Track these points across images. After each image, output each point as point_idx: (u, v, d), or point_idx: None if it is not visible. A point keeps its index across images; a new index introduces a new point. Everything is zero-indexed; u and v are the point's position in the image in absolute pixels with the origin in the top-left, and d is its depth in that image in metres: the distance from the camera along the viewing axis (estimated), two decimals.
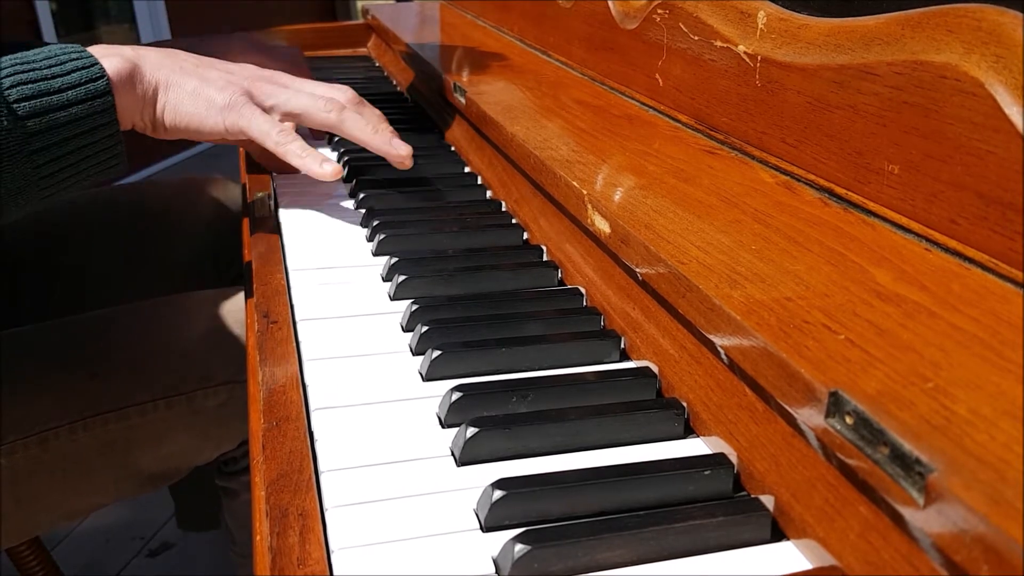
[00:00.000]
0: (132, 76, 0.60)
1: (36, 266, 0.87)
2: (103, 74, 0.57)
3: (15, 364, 0.72)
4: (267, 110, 0.66)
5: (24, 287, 0.87)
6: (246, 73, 0.67)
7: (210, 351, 0.79)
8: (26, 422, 0.70)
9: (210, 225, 0.96)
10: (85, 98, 0.56)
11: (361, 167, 0.78)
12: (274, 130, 0.64)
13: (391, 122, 0.94)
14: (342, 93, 0.69)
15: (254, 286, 0.57)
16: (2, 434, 0.69)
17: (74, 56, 0.57)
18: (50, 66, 0.55)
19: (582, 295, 0.55)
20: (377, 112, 0.70)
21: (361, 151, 0.82)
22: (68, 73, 0.56)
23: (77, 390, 0.73)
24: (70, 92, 0.56)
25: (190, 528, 1.38)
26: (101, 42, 0.62)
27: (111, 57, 0.59)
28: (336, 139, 0.99)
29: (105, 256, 0.91)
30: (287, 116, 0.66)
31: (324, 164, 0.64)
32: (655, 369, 0.45)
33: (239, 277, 0.66)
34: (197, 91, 0.63)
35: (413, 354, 0.49)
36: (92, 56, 0.58)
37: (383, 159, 0.80)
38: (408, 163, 0.69)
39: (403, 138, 0.88)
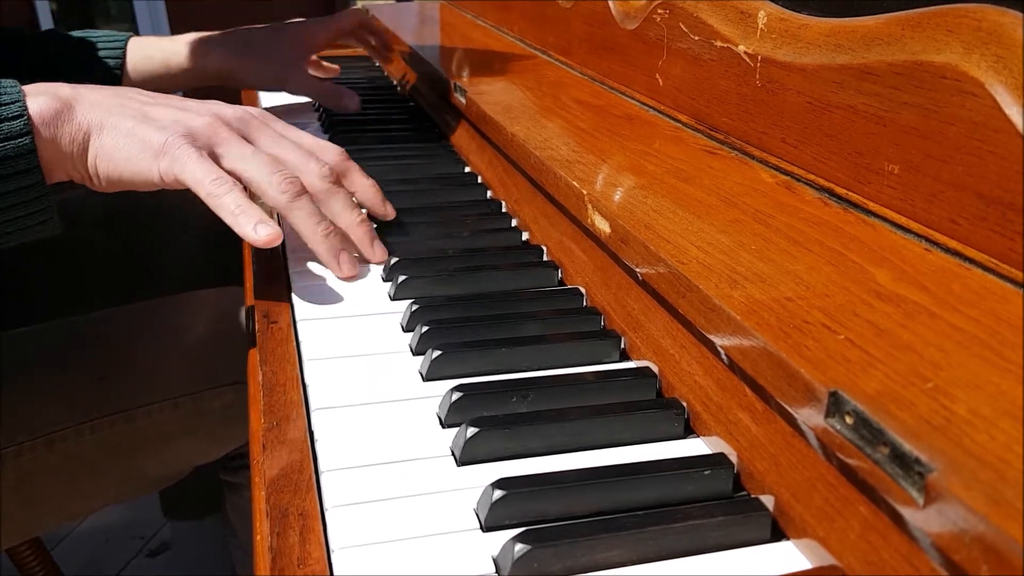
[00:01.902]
0: (60, 117, 0.51)
1: (37, 267, 0.87)
2: (22, 112, 0.49)
3: (21, 365, 0.72)
4: (213, 156, 0.54)
5: (25, 288, 0.87)
6: (207, 110, 0.55)
7: (215, 352, 0.79)
8: (33, 423, 0.70)
9: (210, 224, 0.96)
10: None
11: (360, 167, 0.78)
12: (207, 177, 0.51)
13: (391, 122, 0.95)
14: (317, 170, 0.57)
15: (254, 286, 0.57)
16: (9, 435, 0.69)
17: None
18: None
19: (582, 295, 0.55)
20: (346, 204, 0.58)
21: (360, 149, 0.82)
22: None
23: (84, 392, 0.73)
24: None
25: (176, 517, 1.38)
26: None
27: (39, 96, 0.51)
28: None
29: (106, 255, 0.91)
30: (234, 176, 0.54)
31: (259, 227, 0.51)
32: (655, 369, 0.46)
33: (240, 276, 0.65)
34: (132, 132, 0.52)
35: (413, 354, 0.49)
36: (18, 92, 0.50)
37: (383, 159, 0.81)
38: (349, 276, 0.57)
39: (404, 138, 0.88)
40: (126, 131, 0.52)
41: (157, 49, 0.92)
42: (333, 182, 0.57)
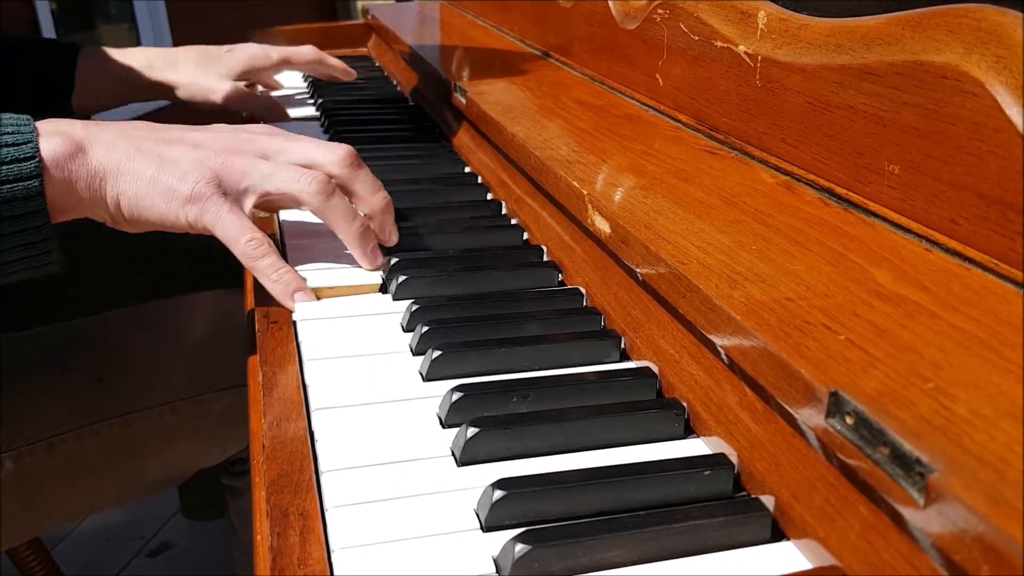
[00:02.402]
0: (74, 160, 0.51)
1: None
2: (34, 154, 0.49)
3: (21, 368, 0.72)
4: (241, 193, 0.54)
5: (25, 290, 0.87)
6: (218, 145, 0.55)
7: (215, 354, 0.79)
8: (33, 427, 0.70)
9: None
10: (5, 179, 0.48)
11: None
12: (243, 237, 0.53)
13: (391, 122, 0.95)
14: (333, 157, 0.58)
15: (254, 287, 0.57)
16: (9, 438, 0.69)
17: (10, 130, 0.50)
18: None
19: (582, 295, 0.55)
20: (372, 184, 0.59)
21: (360, 149, 0.82)
22: None
23: (84, 395, 0.73)
24: None
25: (195, 517, 1.38)
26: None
27: (52, 137, 0.51)
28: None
29: (105, 256, 0.91)
30: (265, 197, 0.55)
31: (297, 295, 0.54)
32: (655, 369, 0.46)
33: (240, 277, 0.64)
34: (155, 179, 0.52)
35: (413, 354, 0.49)
36: (30, 131, 0.50)
37: (383, 159, 0.81)
38: (377, 268, 0.58)
39: (404, 138, 0.88)
40: (148, 178, 0.53)
41: (108, 62, 0.93)
42: (352, 165, 0.58)
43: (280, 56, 1.00)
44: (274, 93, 1.10)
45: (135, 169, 0.53)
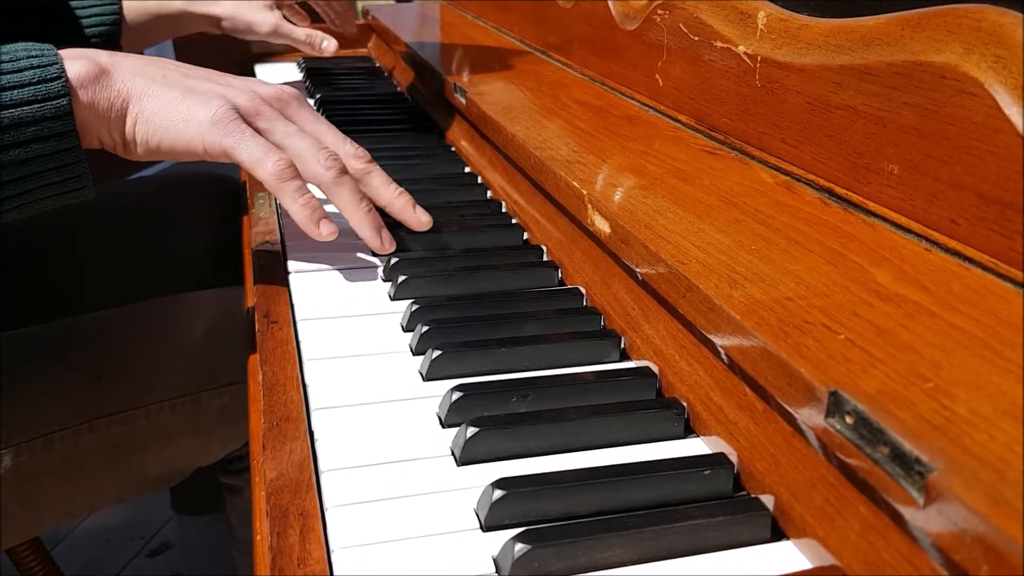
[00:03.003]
0: (98, 82, 0.51)
1: (36, 267, 0.87)
2: (60, 74, 0.49)
3: (20, 366, 0.72)
4: (261, 132, 0.55)
5: (25, 288, 0.87)
6: (247, 87, 0.56)
7: (214, 352, 0.79)
8: (32, 424, 0.70)
9: (210, 224, 0.96)
10: (33, 99, 0.48)
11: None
12: (269, 158, 0.53)
13: (391, 122, 0.95)
14: (352, 150, 0.59)
15: (254, 286, 0.57)
16: (8, 435, 0.69)
17: (34, 53, 0.50)
18: (1, 62, 0.49)
19: (582, 295, 0.55)
20: (385, 179, 0.60)
21: (355, 138, 0.82)
22: (19, 71, 0.48)
23: (82, 392, 0.73)
24: (16, 92, 0.47)
25: (184, 511, 1.38)
26: None
27: (78, 60, 0.51)
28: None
29: (105, 256, 0.91)
30: (280, 154, 0.55)
31: (323, 224, 0.55)
32: (655, 369, 0.46)
33: (239, 276, 0.64)
34: (177, 102, 0.53)
35: (413, 354, 0.49)
36: (54, 55, 0.50)
37: (383, 159, 0.80)
38: (391, 248, 0.59)
39: (404, 138, 0.88)
40: (170, 100, 0.53)
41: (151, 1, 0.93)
42: (368, 162, 0.59)
43: None
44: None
45: (158, 93, 0.53)
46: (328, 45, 0.95)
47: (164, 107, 0.53)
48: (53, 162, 0.50)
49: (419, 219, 0.61)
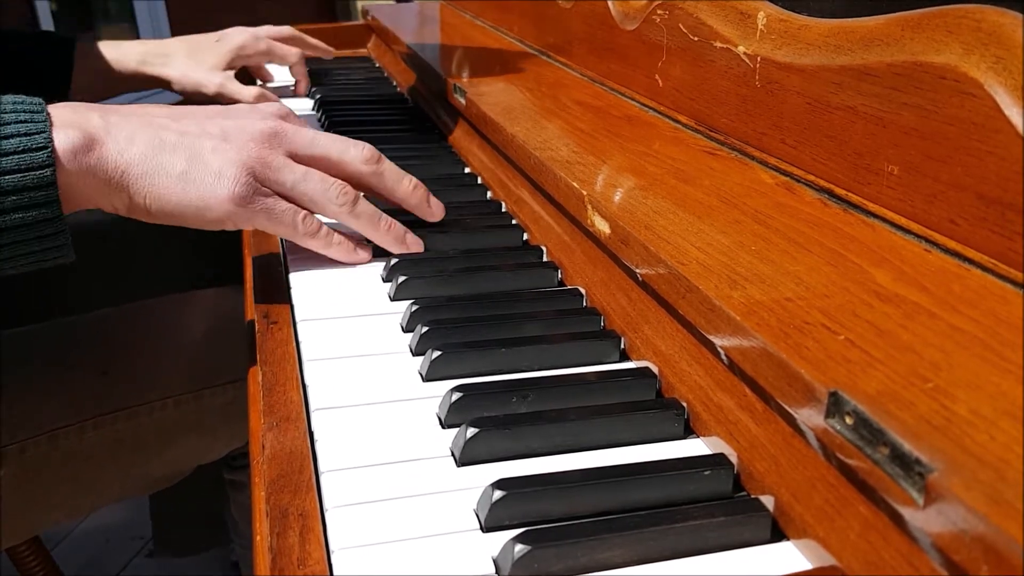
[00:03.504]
0: (89, 152, 0.50)
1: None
2: (46, 144, 0.48)
3: (23, 363, 0.72)
4: (270, 187, 0.55)
5: (27, 287, 0.87)
6: (243, 136, 0.55)
7: (217, 350, 0.79)
8: (36, 421, 0.71)
9: None
10: (16, 168, 0.47)
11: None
12: (298, 218, 0.55)
13: (391, 123, 0.95)
14: (358, 154, 0.59)
15: (254, 286, 0.57)
16: (11, 432, 0.69)
17: (23, 118, 0.49)
18: None
19: (582, 295, 0.55)
20: (397, 174, 0.61)
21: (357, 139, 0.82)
22: (7, 137, 0.48)
23: (87, 389, 0.73)
24: (1, 160, 0.47)
25: (166, 549, 1.31)
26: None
27: (67, 129, 0.50)
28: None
29: (106, 255, 0.91)
30: (292, 199, 0.56)
31: (359, 250, 0.58)
32: (655, 369, 0.46)
33: (240, 276, 0.65)
34: (187, 176, 0.52)
35: (413, 354, 0.49)
36: (43, 122, 0.49)
37: None
38: (419, 249, 0.61)
39: (403, 139, 0.88)
40: (178, 175, 0.52)
41: (101, 58, 0.94)
42: (377, 161, 0.60)
43: (266, 47, 1.02)
44: (269, 85, 1.11)
45: (162, 166, 0.52)
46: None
47: (173, 182, 0.52)
48: (34, 231, 0.49)
49: (433, 212, 0.62)
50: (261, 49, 1.01)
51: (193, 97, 0.99)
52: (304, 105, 1.06)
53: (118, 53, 0.95)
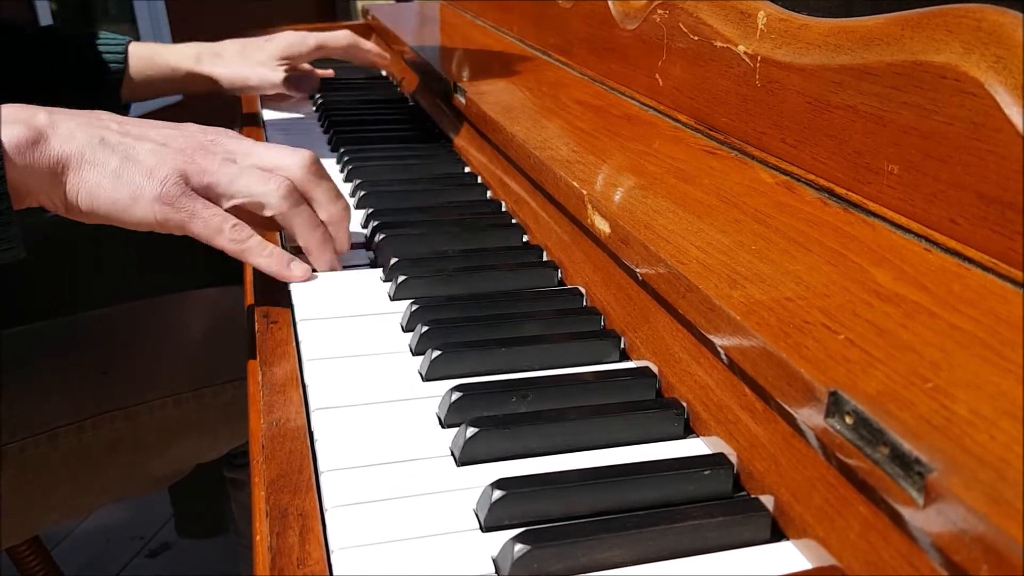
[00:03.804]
0: (35, 146, 0.50)
1: (39, 266, 0.88)
2: None
3: (23, 362, 0.72)
4: (211, 198, 0.54)
5: (27, 286, 0.87)
6: (184, 143, 0.55)
7: (217, 349, 0.79)
8: (35, 420, 0.71)
9: None
10: None
11: (360, 167, 0.78)
12: (225, 226, 0.53)
13: (391, 123, 0.95)
14: (298, 161, 0.57)
15: (254, 286, 0.57)
16: (11, 431, 0.69)
17: None
18: None
19: (582, 295, 0.55)
20: (333, 192, 0.58)
21: (360, 149, 0.82)
22: None
23: (86, 388, 0.74)
24: None
25: (190, 535, 1.39)
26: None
27: (13, 125, 0.50)
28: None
29: (107, 255, 0.91)
30: (230, 201, 0.55)
31: (293, 265, 0.55)
32: (655, 369, 0.45)
33: (240, 276, 0.65)
34: (119, 172, 0.52)
35: (413, 354, 0.49)
36: None
37: (383, 159, 0.81)
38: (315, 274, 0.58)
39: (404, 138, 0.88)
40: (112, 170, 0.52)
41: (159, 55, 0.95)
42: (314, 172, 0.57)
43: (316, 42, 1.00)
44: (278, 113, 1.11)
45: (97, 160, 0.52)
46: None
47: (105, 178, 0.52)
48: None
49: (343, 246, 0.59)
50: (310, 47, 1.00)
51: (239, 92, 1.00)
52: (305, 106, 1.06)
53: (177, 54, 0.96)
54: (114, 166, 0.52)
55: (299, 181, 0.56)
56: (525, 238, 0.64)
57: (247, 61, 0.97)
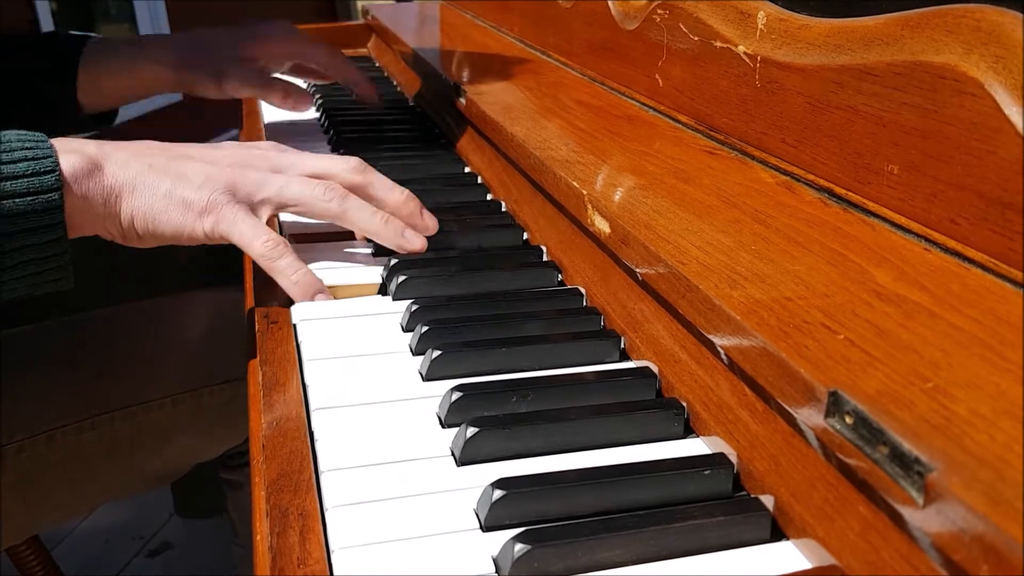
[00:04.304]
0: (91, 176, 0.52)
1: None
2: (54, 168, 0.50)
3: (21, 363, 0.72)
4: (256, 205, 0.55)
5: None
6: (231, 160, 0.56)
7: (215, 349, 0.79)
8: (33, 421, 0.71)
9: None
10: (27, 191, 0.49)
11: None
12: (259, 240, 0.54)
13: (391, 123, 0.95)
14: (344, 166, 0.58)
15: (254, 286, 0.57)
16: (9, 432, 0.69)
17: (28, 145, 0.50)
18: None
19: (582, 295, 0.55)
20: (387, 184, 0.59)
21: (360, 149, 0.82)
22: (14, 162, 0.49)
23: (84, 389, 0.74)
24: (9, 183, 0.48)
25: (189, 515, 1.39)
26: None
27: (70, 154, 0.51)
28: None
29: (106, 255, 0.91)
30: (281, 209, 0.56)
31: (318, 296, 0.55)
32: (655, 369, 0.46)
33: (239, 276, 0.65)
34: (171, 193, 0.53)
35: (413, 354, 0.49)
36: (48, 147, 0.51)
37: (383, 159, 0.81)
38: (422, 247, 0.59)
39: (403, 139, 0.89)
40: (164, 192, 0.53)
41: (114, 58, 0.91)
42: (364, 171, 0.59)
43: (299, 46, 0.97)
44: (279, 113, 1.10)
45: (149, 184, 0.53)
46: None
47: (159, 200, 0.53)
48: (39, 252, 0.51)
49: (426, 224, 0.60)
50: (293, 49, 0.98)
51: (210, 99, 0.97)
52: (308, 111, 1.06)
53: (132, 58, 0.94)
54: (165, 188, 0.53)
55: (347, 183, 0.57)
56: (525, 238, 0.64)
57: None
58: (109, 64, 0.89)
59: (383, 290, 0.57)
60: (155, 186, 0.53)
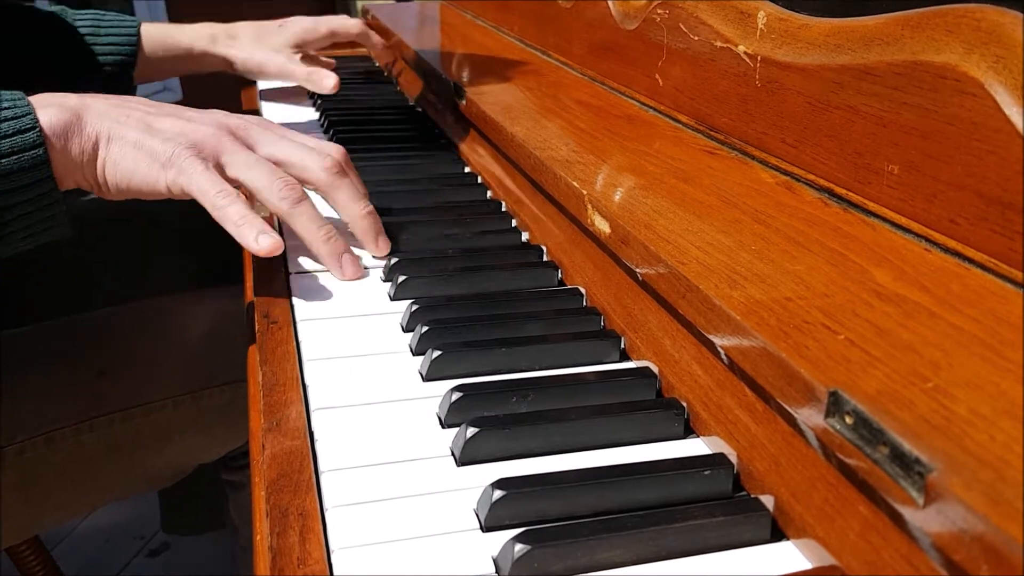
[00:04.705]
0: (70, 128, 0.53)
1: (37, 267, 0.87)
2: (34, 125, 0.51)
3: (21, 364, 0.72)
4: (220, 166, 0.55)
5: (25, 287, 0.87)
6: (209, 121, 0.56)
7: (214, 350, 0.79)
8: (33, 421, 0.71)
9: (210, 224, 0.96)
10: (11, 151, 0.50)
11: (359, 167, 0.78)
12: (212, 189, 0.53)
13: (391, 123, 0.95)
14: (319, 164, 0.58)
15: (254, 286, 0.57)
16: (9, 433, 0.69)
17: (6, 105, 0.51)
18: None
19: (582, 295, 0.55)
20: (354, 194, 0.58)
21: (359, 149, 0.82)
22: None
23: (84, 390, 0.74)
24: None
25: (175, 531, 1.37)
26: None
27: (48, 108, 0.52)
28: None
29: (105, 256, 0.91)
30: (236, 184, 0.55)
31: (261, 237, 0.53)
32: (655, 369, 0.46)
33: (239, 276, 0.65)
34: (140, 143, 0.54)
35: (413, 354, 0.49)
36: (27, 105, 0.52)
37: (383, 159, 0.81)
38: (352, 276, 0.57)
39: (403, 138, 0.88)
40: (133, 142, 0.54)
41: (172, 36, 0.95)
42: (337, 173, 0.58)
43: (328, 29, 1.01)
44: (278, 107, 1.10)
45: (123, 135, 0.54)
46: (329, 82, 0.96)
47: (128, 150, 0.54)
48: (34, 206, 0.52)
49: (378, 246, 0.59)
50: (322, 33, 1.00)
51: (253, 77, 1.01)
52: (305, 106, 1.06)
53: (192, 34, 0.96)
54: (135, 138, 0.54)
55: (315, 180, 0.58)
56: (525, 238, 0.64)
57: (262, 46, 0.98)
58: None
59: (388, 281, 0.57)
60: (127, 136, 0.54)
